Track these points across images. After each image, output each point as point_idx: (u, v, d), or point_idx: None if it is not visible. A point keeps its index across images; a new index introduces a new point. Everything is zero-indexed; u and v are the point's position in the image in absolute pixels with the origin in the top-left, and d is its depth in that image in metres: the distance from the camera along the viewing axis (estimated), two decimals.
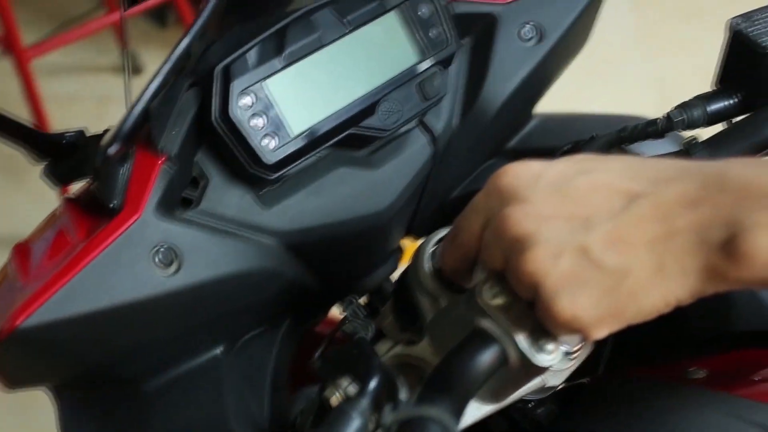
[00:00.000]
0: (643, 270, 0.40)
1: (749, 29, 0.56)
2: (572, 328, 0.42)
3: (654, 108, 0.60)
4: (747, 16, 0.57)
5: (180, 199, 0.55)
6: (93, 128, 0.55)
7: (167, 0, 2.08)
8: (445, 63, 0.62)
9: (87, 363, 0.53)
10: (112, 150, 0.45)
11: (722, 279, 0.39)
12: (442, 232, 0.52)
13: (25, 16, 2.06)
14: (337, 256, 0.64)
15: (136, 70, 2.32)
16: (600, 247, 0.40)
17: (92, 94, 2.35)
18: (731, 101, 0.57)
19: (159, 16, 2.47)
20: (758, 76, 0.56)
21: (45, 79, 2.07)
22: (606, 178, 0.43)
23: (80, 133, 0.53)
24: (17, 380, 0.55)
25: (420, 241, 0.54)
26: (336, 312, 0.69)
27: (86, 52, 2.38)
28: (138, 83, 0.47)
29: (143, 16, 2.44)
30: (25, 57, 1.89)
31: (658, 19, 2.48)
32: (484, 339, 0.44)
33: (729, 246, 0.38)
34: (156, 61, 0.48)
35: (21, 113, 1.81)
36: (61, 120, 2.14)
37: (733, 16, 0.58)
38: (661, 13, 2.49)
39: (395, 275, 0.64)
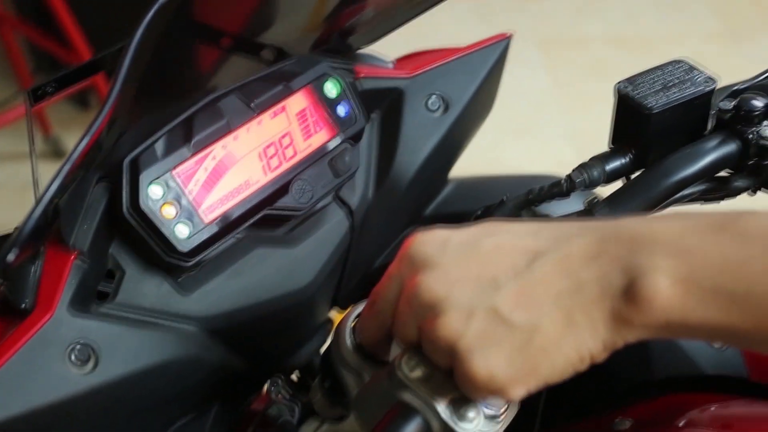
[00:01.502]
0: (552, 325, 0.41)
1: (634, 92, 0.59)
2: (490, 390, 0.42)
3: (572, 161, 0.63)
4: (631, 80, 0.60)
5: (95, 293, 0.55)
6: (17, 217, 0.54)
7: (83, 86, 2.07)
8: (354, 138, 0.64)
9: None
10: (11, 257, 0.44)
11: (628, 326, 0.41)
12: (362, 306, 0.53)
13: None
14: (263, 336, 0.64)
15: (59, 153, 2.29)
16: (508, 305, 0.42)
17: (15, 183, 2.30)
18: (625, 159, 0.60)
19: (81, 100, 2.45)
20: (645, 134, 0.59)
21: None
22: (509, 238, 0.44)
23: None
24: None
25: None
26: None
27: (6, 140, 2.34)
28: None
29: (65, 100, 2.42)
30: None
31: (571, 77, 2.60)
32: (406, 412, 0.44)
33: (629, 292, 0.40)
34: None
35: None
36: None
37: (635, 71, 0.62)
38: (573, 72, 2.61)
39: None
